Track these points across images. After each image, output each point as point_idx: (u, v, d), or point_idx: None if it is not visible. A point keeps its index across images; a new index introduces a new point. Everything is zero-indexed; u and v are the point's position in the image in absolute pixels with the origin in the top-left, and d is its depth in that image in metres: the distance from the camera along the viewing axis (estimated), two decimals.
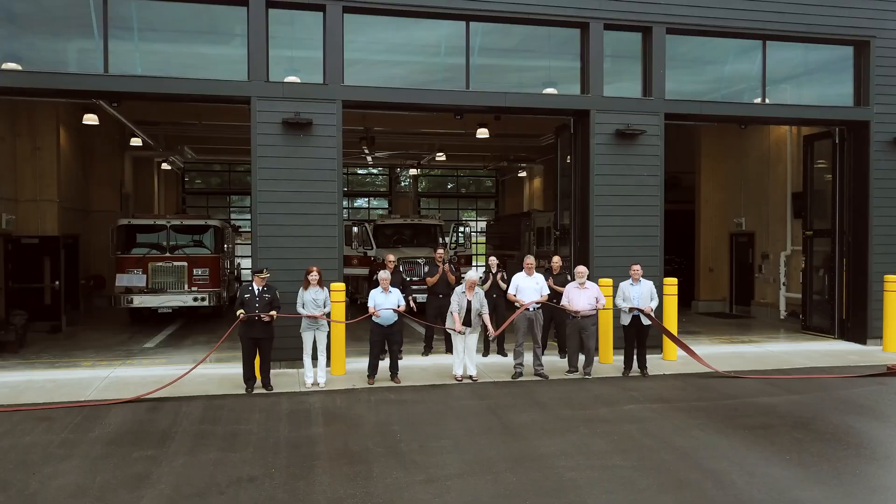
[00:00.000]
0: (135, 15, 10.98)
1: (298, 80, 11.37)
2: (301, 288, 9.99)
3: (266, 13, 10.91)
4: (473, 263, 20.85)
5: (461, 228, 19.55)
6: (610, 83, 12.56)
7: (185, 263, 16.27)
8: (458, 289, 10.37)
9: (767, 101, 13.28)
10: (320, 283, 10.02)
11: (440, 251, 12.47)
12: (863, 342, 13.41)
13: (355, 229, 18.78)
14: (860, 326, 13.51)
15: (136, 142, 21.74)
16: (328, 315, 10.11)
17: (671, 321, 11.89)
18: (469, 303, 10.21)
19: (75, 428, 8.08)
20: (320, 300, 9.95)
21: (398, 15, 11.52)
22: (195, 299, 15.97)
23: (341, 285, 10.85)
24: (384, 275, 10.21)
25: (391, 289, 10.16)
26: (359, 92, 11.34)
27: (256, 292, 9.74)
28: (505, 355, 11.98)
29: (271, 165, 10.96)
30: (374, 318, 10.06)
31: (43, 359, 12.13)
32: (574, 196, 12.60)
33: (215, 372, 10.36)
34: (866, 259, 13.35)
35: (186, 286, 16.17)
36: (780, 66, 13.59)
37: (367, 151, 23.12)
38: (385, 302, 10.01)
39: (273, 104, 10.88)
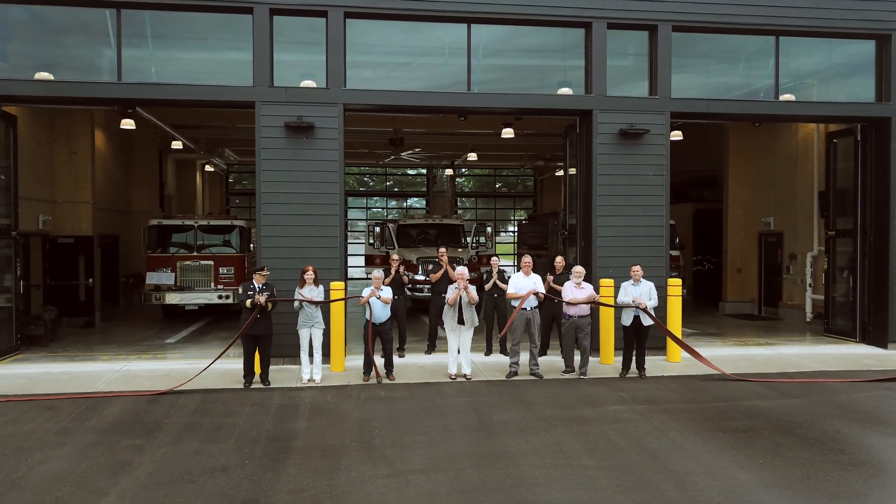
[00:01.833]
0: (148, 24, 11.47)
1: (302, 85, 11.69)
2: (297, 287, 10.30)
3: (270, 20, 11.27)
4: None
5: (485, 228, 19.60)
6: (622, 83, 12.51)
7: (212, 262, 16.86)
8: (452, 286, 10.50)
9: (788, 98, 12.94)
10: (316, 282, 10.34)
11: (442, 250, 12.63)
12: (883, 346, 12.96)
13: (377, 229, 19.07)
14: (881, 330, 13.06)
15: (176, 145, 22.62)
16: (323, 300, 10.46)
17: (675, 322, 11.75)
18: (461, 300, 10.32)
19: (76, 417, 8.55)
20: (315, 298, 10.26)
21: (399, 19, 11.73)
22: (220, 297, 16.52)
23: (341, 284, 11.12)
24: (377, 273, 10.44)
25: (383, 287, 10.38)
26: (360, 95, 11.59)
27: (258, 290, 10.10)
28: (507, 354, 12.04)
29: (275, 168, 11.31)
30: (366, 316, 10.31)
31: (68, 352, 12.79)
32: (578, 196, 12.58)
33: (219, 367, 10.71)
34: (887, 260, 12.89)
35: (212, 284, 16.75)
36: (800, 62, 13.26)
37: (395, 153, 23.44)
38: (376, 302, 10.23)
39: (276, 108, 11.24)
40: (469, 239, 19.53)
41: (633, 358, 10.82)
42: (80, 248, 16.33)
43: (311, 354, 10.37)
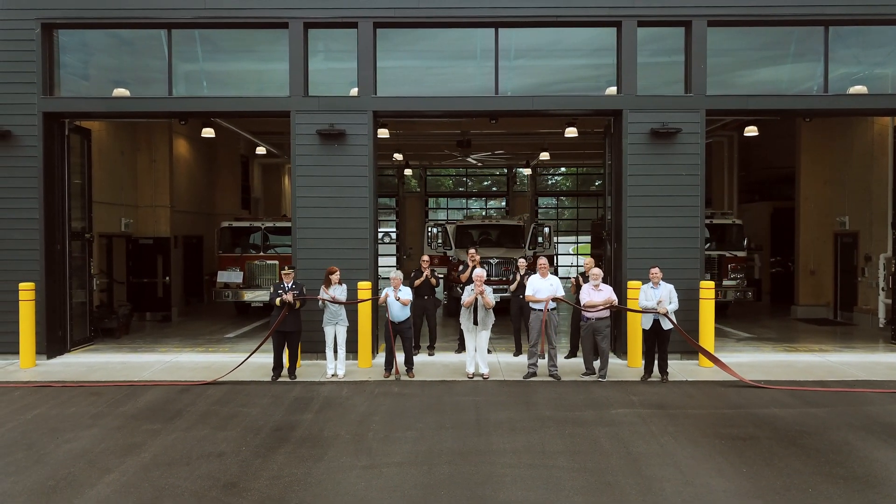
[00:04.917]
0: (198, 41, 12.37)
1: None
2: (322, 287, 10.85)
3: (305, 33, 11.87)
4: (554, 263, 20.78)
5: (542, 228, 19.52)
6: (660, 81, 12.28)
7: (276, 262, 17.83)
8: (468, 287, 10.72)
9: (859, 90, 12.16)
10: (339, 283, 10.85)
11: (472, 251, 12.83)
12: None
13: (434, 230, 19.45)
14: None
15: (260, 150, 24.05)
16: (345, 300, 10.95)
17: (707, 328, 11.38)
18: (477, 301, 10.51)
19: (113, 403, 9.43)
20: (339, 297, 10.80)
21: (427, 26, 12.05)
22: None
23: (368, 283, 11.58)
24: (394, 274, 10.82)
25: (402, 287, 10.75)
26: (389, 102, 12.00)
27: (286, 288, 10.75)
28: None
29: (308, 173, 11.91)
30: (387, 315, 10.72)
31: (135, 344, 13.96)
32: (611, 197, 12.44)
33: (256, 360, 11.39)
34: None
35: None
36: (858, 52, 12.48)
37: (462, 154, 23.77)
38: (394, 302, 10.62)
39: (310, 117, 11.83)
40: (533, 239, 19.45)
41: (656, 361, 10.63)
42: (159, 249, 17.74)
43: (335, 351, 10.89)
